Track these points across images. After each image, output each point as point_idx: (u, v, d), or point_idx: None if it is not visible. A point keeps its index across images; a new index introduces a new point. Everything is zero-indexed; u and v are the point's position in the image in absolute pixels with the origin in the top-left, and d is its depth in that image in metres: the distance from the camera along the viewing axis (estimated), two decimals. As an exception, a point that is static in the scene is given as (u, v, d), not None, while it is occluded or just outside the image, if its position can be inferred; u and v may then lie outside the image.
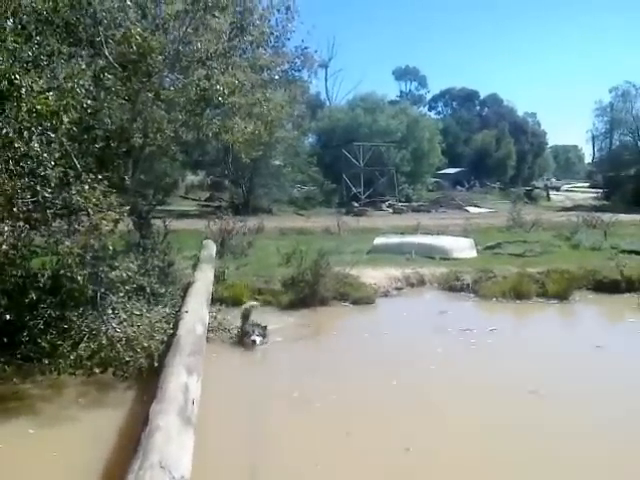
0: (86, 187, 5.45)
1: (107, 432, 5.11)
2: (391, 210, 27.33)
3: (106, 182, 5.71)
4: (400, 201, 29.72)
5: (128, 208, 6.24)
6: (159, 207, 17.94)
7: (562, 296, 10.34)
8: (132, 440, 4.17)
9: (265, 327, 7.41)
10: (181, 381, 4.80)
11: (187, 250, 11.75)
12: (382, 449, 4.92)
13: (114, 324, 5.97)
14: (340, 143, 31.75)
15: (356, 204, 27.46)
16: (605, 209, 24.22)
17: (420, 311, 10.13)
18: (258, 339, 7.16)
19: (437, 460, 4.78)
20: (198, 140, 9.93)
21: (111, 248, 5.90)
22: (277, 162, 26.99)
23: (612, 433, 5.26)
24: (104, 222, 5.76)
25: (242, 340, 7.34)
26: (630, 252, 13.50)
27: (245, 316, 7.82)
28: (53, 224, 6.26)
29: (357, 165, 30.55)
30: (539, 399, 6.02)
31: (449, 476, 4.56)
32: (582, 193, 44.17)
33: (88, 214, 5.81)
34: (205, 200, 30.26)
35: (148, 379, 5.87)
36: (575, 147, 77.65)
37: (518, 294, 10.41)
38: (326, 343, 8.43)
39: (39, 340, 6.14)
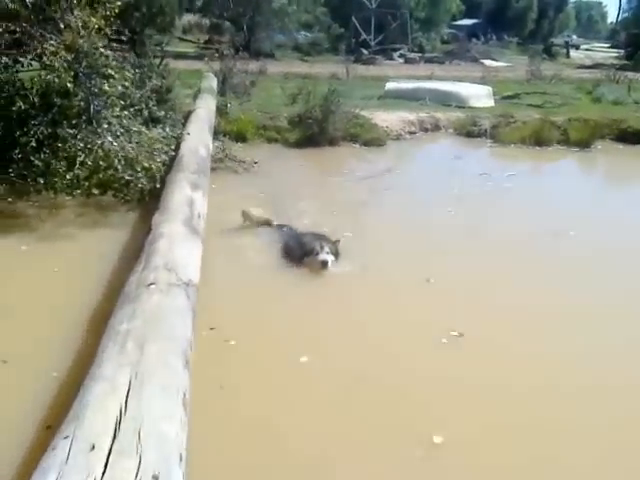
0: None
1: (108, 250, 4.80)
2: (402, 60, 25.61)
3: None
4: (413, 51, 27.84)
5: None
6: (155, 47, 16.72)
7: (584, 144, 9.81)
8: (135, 258, 3.83)
9: (337, 241, 4.92)
10: (186, 194, 4.41)
11: (186, 88, 10.93)
12: (403, 281, 4.65)
13: (109, 138, 5.44)
14: (350, -21, 28.94)
15: (365, 51, 25.68)
16: (626, 68, 22.70)
17: (434, 155, 9.65)
18: (330, 258, 4.67)
19: (455, 291, 4.54)
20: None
21: (102, 51, 5.19)
22: (280, -1, 24.80)
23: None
24: (93, 20, 5.01)
25: (302, 260, 4.75)
26: (655, 107, 12.70)
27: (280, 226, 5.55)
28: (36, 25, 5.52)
29: (368, 7, 28.12)
30: (565, 240, 5.69)
31: (464, 303, 4.33)
32: (603, 53, 41.61)
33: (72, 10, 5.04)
34: (204, 42, 28.32)
35: (151, 202, 5.49)
36: (599, 4, 72.47)
37: (538, 140, 9.85)
38: (337, 180, 8.03)
39: (32, 158, 5.66)
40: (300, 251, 4.78)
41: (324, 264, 4.59)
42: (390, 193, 7.20)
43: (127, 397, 2.01)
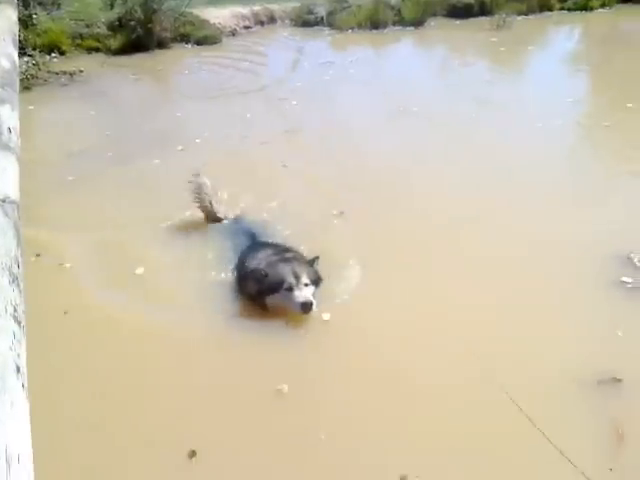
0: None
1: None
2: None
3: None
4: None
5: None
6: None
7: (418, 22, 9.94)
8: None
9: (316, 258, 3.03)
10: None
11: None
12: (264, 166, 4.46)
13: None
14: None
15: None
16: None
17: (274, 48, 9.18)
18: (311, 296, 2.82)
19: (326, 175, 4.49)
20: None
21: None
22: None
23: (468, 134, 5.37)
24: None
25: (262, 296, 2.91)
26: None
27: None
28: None
29: None
30: (412, 115, 5.79)
31: (335, 186, 4.30)
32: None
33: None
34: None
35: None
36: None
37: (374, 23, 9.82)
38: (170, 80, 7.44)
39: None
40: (257, 283, 2.91)
41: (306, 308, 2.78)
42: (230, 84, 6.84)
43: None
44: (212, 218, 3.65)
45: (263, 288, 2.87)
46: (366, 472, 2.04)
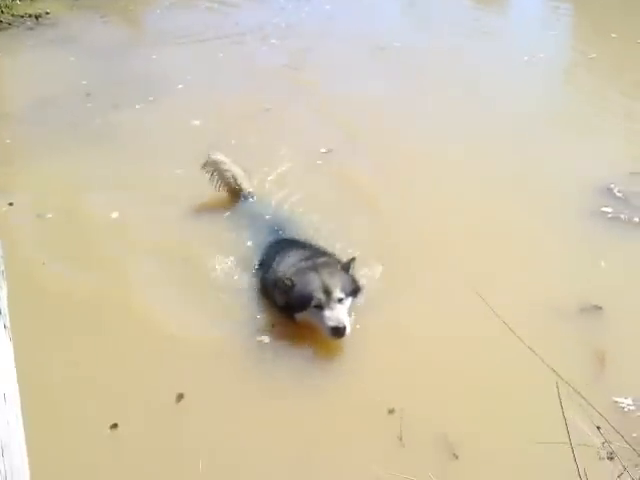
0: None
1: None
2: None
3: None
4: None
5: None
6: None
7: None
8: None
9: (352, 260, 2.61)
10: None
11: None
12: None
13: None
14: None
15: None
16: None
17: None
18: (346, 318, 2.40)
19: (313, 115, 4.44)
20: None
21: None
22: None
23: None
24: None
25: (290, 311, 2.53)
26: None
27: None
28: None
29: None
30: (394, 50, 5.73)
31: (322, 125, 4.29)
32: None
33: None
34: None
35: None
36: None
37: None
38: (142, 21, 7.18)
39: None
40: (284, 294, 2.53)
41: (338, 333, 2.37)
42: (211, 30, 6.59)
43: None
44: (238, 195, 3.28)
45: (290, 302, 2.48)
46: (356, 409, 2.10)
